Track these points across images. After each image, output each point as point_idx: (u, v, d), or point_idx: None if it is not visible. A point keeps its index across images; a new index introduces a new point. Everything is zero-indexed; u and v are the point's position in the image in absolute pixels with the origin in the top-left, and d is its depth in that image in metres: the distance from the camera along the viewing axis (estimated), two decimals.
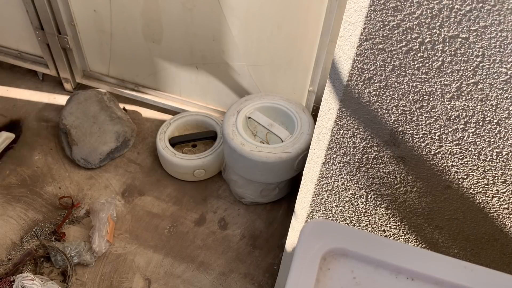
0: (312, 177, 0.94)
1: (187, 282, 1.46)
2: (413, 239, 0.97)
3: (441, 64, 0.67)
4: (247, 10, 1.45)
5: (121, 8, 1.61)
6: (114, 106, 1.82)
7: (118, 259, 1.50)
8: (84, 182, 1.69)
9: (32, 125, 1.85)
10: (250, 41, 1.53)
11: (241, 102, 1.54)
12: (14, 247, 1.50)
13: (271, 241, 1.58)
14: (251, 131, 1.56)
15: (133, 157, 1.78)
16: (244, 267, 1.51)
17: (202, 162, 1.64)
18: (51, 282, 1.37)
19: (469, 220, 0.87)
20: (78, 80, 1.94)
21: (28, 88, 1.98)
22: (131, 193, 1.67)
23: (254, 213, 1.65)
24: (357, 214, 0.97)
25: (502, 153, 0.74)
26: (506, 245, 0.89)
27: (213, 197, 1.68)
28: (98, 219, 1.50)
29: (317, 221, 0.68)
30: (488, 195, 0.81)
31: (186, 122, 1.78)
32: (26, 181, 1.67)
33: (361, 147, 0.83)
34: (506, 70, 0.64)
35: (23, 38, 1.87)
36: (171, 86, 1.83)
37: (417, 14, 0.63)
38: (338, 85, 0.77)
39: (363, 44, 0.69)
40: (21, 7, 1.73)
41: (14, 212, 1.58)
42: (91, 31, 1.74)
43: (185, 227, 1.59)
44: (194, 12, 1.52)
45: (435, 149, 0.78)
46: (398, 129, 0.77)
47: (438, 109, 0.72)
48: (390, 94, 0.73)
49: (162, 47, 1.68)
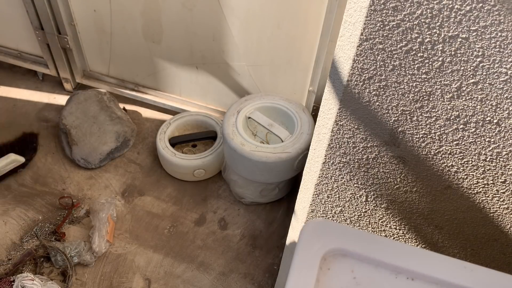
0: (312, 177, 0.94)
1: (187, 282, 1.46)
2: (413, 239, 0.97)
3: (441, 64, 0.67)
4: (247, 10, 1.45)
5: (121, 8, 1.61)
6: (114, 106, 1.82)
7: (118, 259, 1.50)
8: (84, 182, 1.69)
9: (32, 125, 1.85)
10: (250, 41, 1.53)
11: (241, 102, 1.54)
12: (14, 247, 1.50)
13: (271, 241, 1.58)
14: (251, 131, 1.56)
15: (133, 157, 1.78)
16: (244, 267, 1.51)
17: (202, 162, 1.64)
18: (51, 282, 1.37)
19: (469, 220, 0.87)
20: (78, 80, 1.94)
21: (28, 88, 1.98)
22: (131, 193, 1.67)
23: (254, 213, 1.65)
24: (357, 214, 0.97)
25: (502, 153, 0.74)
26: (506, 245, 0.89)
27: (213, 197, 1.68)
28: (98, 219, 1.50)
29: (317, 221, 0.68)
30: (488, 195, 0.81)
31: (186, 122, 1.78)
32: (26, 181, 1.67)
33: (361, 147, 0.83)
34: (506, 70, 0.64)
35: (23, 38, 1.87)
36: (171, 86, 1.83)
37: (417, 14, 0.63)
38: (338, 85, 0.77)
39: (363, 44, 0.69)
40: (21, 7, 1.73)
41: (14, 212, 1.58)
42: (91, 31, 1.74)
43: (185, 227, 1.59)
44: (194, 12, 1.52)
45: (435, 149, 0.78)
46: (398, 129, 0.77)
47: (438, 109, 0.72)
48: (390, 94, 0.73)
49: (162, 47, 1.68)
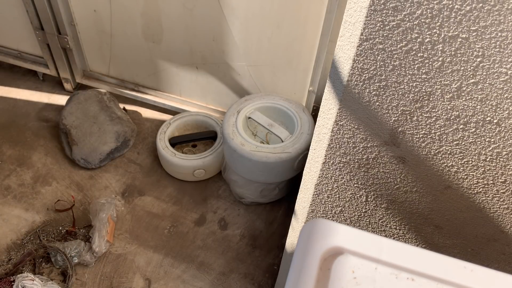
0: (312, 177, 0.94)
1: (187, 282, 1.46)
2: (413, 239, 0.97)
3: (441, 64, 0.67)
4: (247, 10, 1.45)
5: (121, 8, 1.61)
6: (114, 106, 1.82)
7: (118, 259, 1.50)
8: (84, 182, 1.69)
9: (32, 125, 1.85)
10: (250, 41, 1.53)
11: (241, 102, 1.54)
12: (14, 247, 1.50)
13: (271, 241, 1.58)
14: (251, 131, 1.56)
15: (133, 157, 1.78)
16: (244, 267, 1.51)
17: (202, 162, 1.64)
18: (51, 282, 1.37)
19: (469, 220, 0.87)
20: (78, 80, 1.94)
21: (28, 88, 1.98)
22: (131, 193, 1.67)
23: (254, 213, 1.65)
24: (357, 214, 0.97)
25: (502, 153, 0.74)
26: (506, 245, 0.89)
27: (213, 197, 1.68)
28: (98, 219, 1.50)
29: (317, 221, 0.68)
30: (488, 195, 0.81)
31: (186, 122, 1.78)
32: (26, 181, 1.67)
33: (361, 147, 0.83)
34: (506, 70, 0.64)
35: (23, 38, 1.87)
36: (171, 86, 1.83)
37: (417, 14, 0.63)
38: (338, 85, 0.77)
39: (363, 44, 0.69)
40: (21, 7, 1.73)
41: (14, 212, 1.58)
42: (91, 31, 1.74)
43: (185, 227, 1.59)
44: (194, 12, 1.52)
45: (435, 149, 0.78)
46: (398, 129, 0.77)
47: (438, 109, 0.72)
48: (390, 94, 0.73)
49: (162, 47, 1.68)
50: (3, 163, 1.71)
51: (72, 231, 1.53)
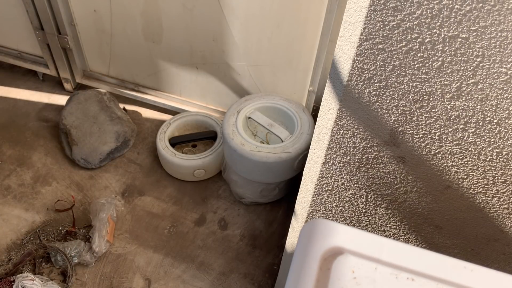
0: (312, 177, 0.94)
1: (187, 282, 1.46)
2: (413, 239, 0.97)
3: (441, 64, 0.67)
4: (247, 10, 1.45)
5: (121, 8, 1.61)
6: (114, 106, 1.82)
7: (118, 259, 1.50)
8: (84, 182, 1.69)
9: (32, 125, 1.85)
10: (250, 41, 1.53)
11: (241, 102, 1.54)
12: (14, 247, 1.50)
13: (271, 241, 1.58)
14: (251, 131, 1.56)
15: (133, 157, 1.78)
16: (244, 267, 1.51)
17: (202, 162, 1.64)
18: (51, 282, 1.37)
19: (469, 220, 0.87)
20: (78, 80, 1.94)
21: (28, 88, 1.98)
22: (131, 193, 1.67)
23: (254, 213, 1.65)
24: (357, 214, 0.97)
25: (502, 153, 0.74)
26: (506, 245, 0.89)
27: (213, 197, 1.68)
28: (98, 219, 1.50)
29: (317, 221, 0.68)
30: (488, 195, 0.81)
31: (186, 122, 1.78)
32: (26, 181, 1.67)
33: (361, 147, 0.83)
34: (506, 70, 0.64)
35: (23, 38, 1.87)
36: (171, 86, 1.83)
37: (417, 14, 0.63)
38: (338, 85, 0.76)
39: (363, 44, 0.69)
40: (21, 7, 1.73)
41: (14, 212, 1.58)
42: (91, 31, 1.74)
43: (185, 227, 1.59)
44: (194, 12, 1.52)
45: (435, 149, 0.78)
46: (398, 129, 0.77)
47: (438, 109, 0.72)
48: (390, 94, 0.73)
49: (162, 47, 1.68)
50: (3, 163, 1.71)
51: (72, 231, 1.53)
